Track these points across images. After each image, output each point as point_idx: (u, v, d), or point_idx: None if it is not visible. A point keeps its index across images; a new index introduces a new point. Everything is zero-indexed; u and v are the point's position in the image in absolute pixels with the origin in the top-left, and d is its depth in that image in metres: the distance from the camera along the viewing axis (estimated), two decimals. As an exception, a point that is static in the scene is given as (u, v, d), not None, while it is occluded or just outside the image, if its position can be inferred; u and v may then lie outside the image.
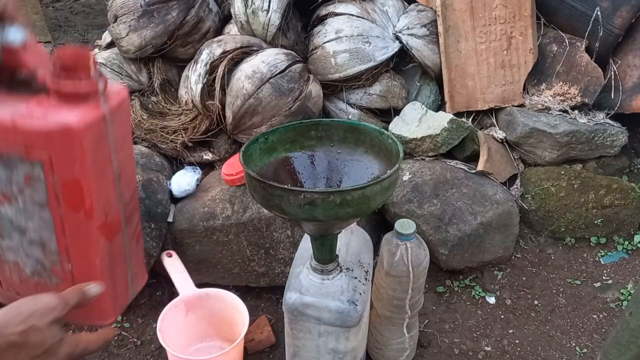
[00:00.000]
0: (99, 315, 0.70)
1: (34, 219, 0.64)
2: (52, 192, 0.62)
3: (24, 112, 0.59)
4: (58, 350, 0.60)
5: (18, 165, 0.61)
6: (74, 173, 0.61)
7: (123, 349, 1.47)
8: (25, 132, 0.58)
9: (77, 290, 0.64)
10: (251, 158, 0.90)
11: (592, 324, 1.53)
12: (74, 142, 0.59)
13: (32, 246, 0.66)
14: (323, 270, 1.04)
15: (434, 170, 1.65)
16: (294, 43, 1.74)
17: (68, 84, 0.59)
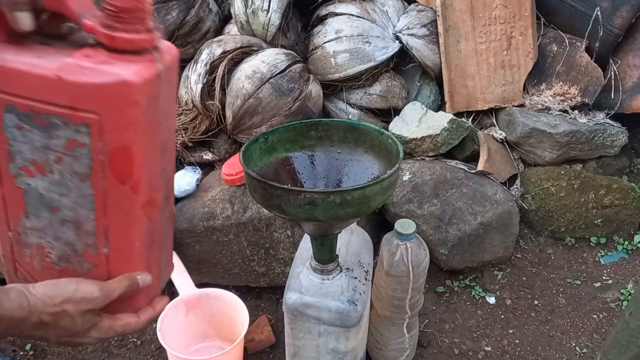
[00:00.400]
0: (131, 306, 0.63)
1: (70, 194, 0.56)
2: (97, 161, 0.54)
3: (71, 66, 0.51)
4: (88, 334, 0.59)
5: (59, 129, 0.53)
6: (125, 138, 0.53)
7: (123, 349, 1.47)
8: (73, 88, 0.51)
9: (124, 280, 0.60)
10: (251, 158, 0.90)
11: (592, 324, 1.52)
12: (130, 101, 0.52)
13: (63, 226, 0.58)
14: (323, 270, 1.04)
15: (434, 170, 1.65)
16: (294, 43, 1.74)
17: (123, 36, 0.51)
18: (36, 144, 0.54)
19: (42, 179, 0.56)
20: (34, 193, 0.57)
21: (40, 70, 0.51)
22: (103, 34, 0.52)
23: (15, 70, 0.51)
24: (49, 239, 0.59)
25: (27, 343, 1.47)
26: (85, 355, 1.45)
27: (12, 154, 0.55)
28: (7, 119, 0.54)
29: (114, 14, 0.51)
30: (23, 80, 0.51)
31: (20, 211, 0.58)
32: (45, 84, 0.51)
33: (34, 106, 0.52)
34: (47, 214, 0.58)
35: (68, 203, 0.57)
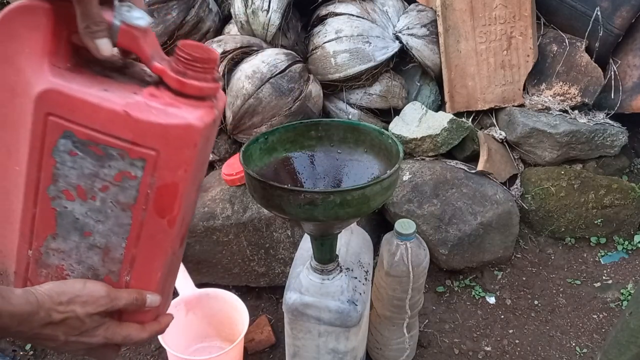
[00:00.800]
0: (136, 319, 0.64)
1: (107, 221, 0.58)
2: (143, 194, 0.56)
3: (140, 104, 0.53)
4: (96, 332, 0.59)
5: (113, 160, 0.55)
6: (176, 176, 0.56)
7: (123, 349, 1.46)
8: (139, 125, 0.53)
9: (133, 293, 0.61)
10: (251, 158, 0.90)
11: (592, 324, 1.52)
12: (190, 143, 0.54)
13: (90, 251, 0.60)
14: (323, 270, 1.04)
15: (434, 170, 1.65)
16: (294, 43, 1.74)
17: (193, 83, 0.54)
18: (85, 171, 0.56)
19: (82, 204, 0.57)
20: (69, 216, 0.58)
21: (109, 104, 0.52)
22: (174, 79, 0.54)
23: (82, 100, 0.52)
24: (72, 262, 0.60)
25: (27, 343, 1.47)
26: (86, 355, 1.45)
27: (56, 177, 0.56)
28: (61, 143, 0.54)
29: (188, 62, 0.54)
30: (88, 111, 0.53)
31: (49, 232, 0.59)
32: (112, 118, 0.53)
33: (94, 136, 0.54)
34: (77, 237, 0.59)
35: (102, 230, 0.58)
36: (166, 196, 0.57)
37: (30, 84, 0.53)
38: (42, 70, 0.53)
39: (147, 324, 0.65)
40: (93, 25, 0.52)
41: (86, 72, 0.55)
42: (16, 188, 0.57)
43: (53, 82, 0.52)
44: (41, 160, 0.55)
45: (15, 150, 0.56)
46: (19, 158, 0.56)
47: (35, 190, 0.57)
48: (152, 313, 0.65)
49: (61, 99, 0.52)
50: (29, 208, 0.57)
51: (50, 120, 0.53)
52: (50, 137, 0.54)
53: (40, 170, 0.56)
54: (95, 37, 0.52)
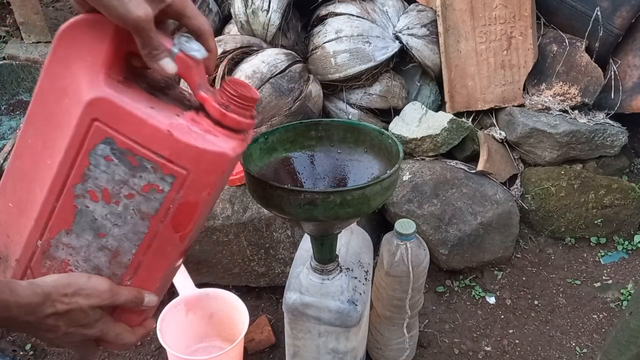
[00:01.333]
0: (127, 323, 0.67)
1: (124, 227, 0.61)
2: (165, 207, 0.60)
3: (182, 126, 0.57)
4: (95, 325, 0.61)
5: (145, 172, 0.58)
6: (199, 196, 0.60)
7: (124, 351, 1.46)
8: (178, 145, 0.57)
9: (134, 291, 0.63)
10: (251, 158, 0.90)
11: (592, 324, 1.53)
12: (220, 169, 0.59)
13: (100, 252, 0.62)
14: (323, 270, 1.04)
15: (434, 170, 1.65)
16: (294, 43, 1.74)
17: (233, 117, 0.59)
18: (115, 177, 0.59)
19: (104, 207, 0.60)
20: (88, 216, 0.61)
21: (154, 121, 0.56)
22: (217, 110, 0.59)
23: (130, 113, 0.56)
24: (78, 259, 0.63)
25: (27, 343, 1.47)
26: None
27: (85, 177, 0.59)
28: (99, 148, 0.58)
29: (231, 97, 0.60)
30: (134, 124, 0.56)
31: (64, 226, 0.61)
32: (154, 134, 0.57)
33: (133, 147, 0.57)
34: (90, 236, 0.62)
35: (117, 234, 0.61)
36: (185, 213, 0.61)
37: (83, 89, 0.56)
38: (98, 79, 0.56)
39: (135, 327, 0.67)
40: (154, 50, 0.56)
41: (135, 87, 0.59)
42: (42, 179, 0.60)
43: (106, 92, 0.56)
44: (76, 159, 0.58)
45: (51, 145, 0.59)
46: (54, 153, 0.59)
47: (62, 185, 0.59)
48: (143, 314, 0.67)
49: (111, 109, 0.56)
50: (51, 201, 0.60)
51: (95, 125, 0.57)
52: (90, 141, 0.57)
53: (72, 168, 0.59)
54: (157, 60, 0.57)
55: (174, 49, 0.58)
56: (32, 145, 0.61)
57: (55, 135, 0.59)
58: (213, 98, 0.60)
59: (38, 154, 0.60)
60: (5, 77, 2.19)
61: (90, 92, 0.56)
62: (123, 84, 0.58)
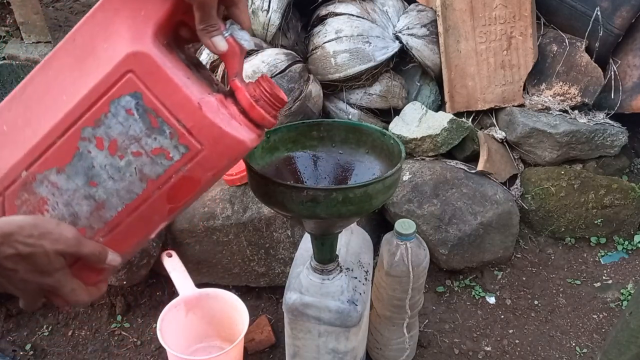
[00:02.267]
0: (83, 280, 0.64)
1: (119, 183, 0.60)
2: (167, 175, 0.60)
3: (212, 104, 0.58)
4: (54, 274, 0.59)
5: (162, 135, 0.58)
6: (204, 175, 0.60)
7: (123, 349, 1.46)
8: (204, 120, 0.58)
9: (98, 246, 0.61)
10: (253, 157, 0.90)
11: (592, 324, 1.53)
12: (234, 155, 0.60)
13: (85, 200, 0.61)
14: (323, 270, 1.04)
15: (434, 170, 1.65)
16: (294, 43, 1.74)
17: (260, 112, 0.62)
18: (129, 132, 0.58)
19: (106, 157, 0.59)
20: (87, 161, 0.59)
21: (188, 92, 0.57)
22: (248, 101, 0.61)
23: (168, 76, 0.57)
24: (59, 201, 0.61)
25: (27, 343, 1.47)
26: (85, 355, 1.45)
27: (99, 123, 0.58)
28: (124, 100, 0.57)
29: (264, 92, 0.62)
30: (168, 88, 0.57)
31: (57, 164, 0.60)
32: (184, 103, 0.57)
33: (159, 109, 0.58)
34: (81, 182, 0.60)
35: (110, 187, 0.60)
36: (184, 187, 0.61)
37: (128, 39, 0.57)
38: (146, 35, 0.57)
39: (90, 287, 0.65)
40: (210, 27, 0.59)
41: (175, 55, 0.60)
42: (51, 112, 0.59)
43: (151, 49, 0.56)
44: (96, 103, 0.57)
45: (72, 82, 0.58)
46: (74, 89, 0.58)
47: (72, 124, 0.58)
48: (102, 273, 0.65)
49: (150, 66, 0.56)
50: (54, 135, 0.59)
51: (128, 76, 0.56)
52: (118, 90, 0.57)
53: (88, 110, 0.58)
54: (212, 36, 0.60)
55: (225, 32, 0.61)
56: (51, 77, 0.60)
57: (81, 74, 0.58)
58: (245, 89, 0.62)
59: (54, 86, 0.59)
60: (5, 77, 2.19)
61: (135, 44, 0.56)
62: (166, 48, 0.59)
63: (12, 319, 1.54)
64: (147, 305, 1.57)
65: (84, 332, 1.51)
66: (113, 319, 1.54)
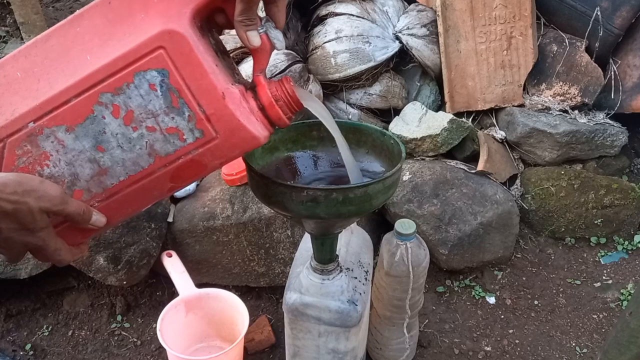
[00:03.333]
0: (67, 240, 0.64)
1: (127, 153, 0.60)
2: (176, 156, 0.61)
3: (235, 96, 0.59)
4: (38, 233, 0.59)
5: (180, 116, 0.59)
6: (212, 162, 0.62)
7: (123, 349, 1.46)
8: (224, 110, 0.58)
9: (82, 206, 0.61)
10: (253, 156, 0.90)
11: (592, 324, 1.53)
12: (245, 149, 0.61)
13: (88, 163, 0.60)
14: (323, 270, 1.04)
15: (434, 170, 1.65)
16: (294, 43, 1.74)
17: (278, 112, 0.64)
18: (148, 106, 0.58)
19: (120, 126, 0.59)
20: (99, 125, 0.59)
21: (215, 79, 0.58)
22: (268, 99, 0.63)
23: (199, 61, 0.57)
24: (62, 158, 0.60)
25: (27, 343, 1.47)
26: (85, 355, 1.45)
27: (119, 91, 0.58)
28: (150, 74, 0.57)
29: (286, 94, 0.64)
30: (197, 71, 0.57)
31: (68, 122, 0.59)
32: (209, 90, 0.58)
33: (183, 89, 0.58)
34: (88, 145, 0.60)
35: (116, 155, 0.60)
36: (190, 170, 0.62)
37: (166, 15, 0.57)
38: (185, 15, 0.57)
39: (72, 247, 0.65)
40: (248, 20, 0.60)
41: (207, 40, 0.60)
42: (71, 69, 0.58)
43: (188, 31, 0.57)
44: (121, 71, 0.57)
45: (102, 42, 0.58)
46: (100, 52, 0.58)
47: (91, 86, 0.58)
48: (86, 234, 0.65)
49: (183, 47, 0.57)
50: (70, 93, 0.58)
51: (159, 52, 0.57)
52: (146, 63, 0.57)
53: (111, 77, 0.57)
54: (248, 29, 0.61)
55: (260, 28, 0.62)
56: (79, 34, 0.59)
57: (111, 38, 0.58)
58: (268, 86, 0.63)
59: (80, 43, 0.59)
60: (5, 76, 2.19)
61: (173, 22, 0.56)
62: (200, 31, 0.59)
63: (12, 319, 1.54)
64: (147, 305, 1.57)
65: (84, 332, 1.52)
66: (113, 319, 1.54)
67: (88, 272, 1.41)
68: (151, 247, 1.42)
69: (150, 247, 1.42)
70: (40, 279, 1.49)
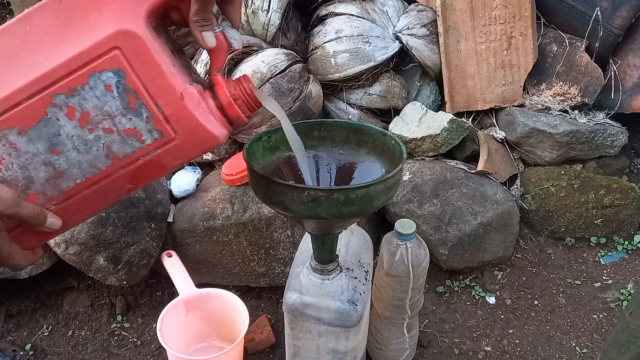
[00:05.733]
0: (21, 244, 0.62)
1: (84, 155, 0.58)
2: (135, 157, 0.59)
3: (193, 97, 0.59)
4: None
5: (137, 117, 0.57)
6: (171, 163, 0.61)
7: (123, 349, 1.46)
8: (183, 110, 0.58)
9: (37, 208, 0.58)
10: (254, 156, 0.90)
11: (592, 324, 1.53)
12: (203, 148, 0.61)
13: (43, 166, 0.58)
14: (323, 270, 1.04)
15: (434, 170, 1.65)
16: (294, 43, 1.74)
17: (237, 111, 0.64)
18: (104, 107, 0.57)
19: (75, 128, 0.57)
20: (53, 127, 0.57)
21: (173, 80, 0.57)
22: (227, 98, 0.63)
23: (155, 61, 0.56)
24: (14, 162, 0.58)
25: (27, 343, 1.47)
26: (86, 355, 1.45)
27: (73, 92, 0.56)
28: (105, 75, 0.56)
29: (244, 92, 0.64)
30: (154, 72, 0.56)
31: (20, 125, 0.56)
32: (167, 90, 0.57)
33: (140, 91, 0.57)
34: (42, 147, 0.57)
35: (72, 158, 0.59)
36: (149, 170, 0.61)
37: (121, 15, 0.55)
38: (140, 14, 0.56)
39: (27, 251, 0.63)
40: (203, 20, 0.60)
41: (162, 39, 0.59)
42: (20, 68, 0.56)
43: (144, 31, 0.56)
44: (75, 72, 0.55)
45: (54, 42, 0.56)
46: (52, 52, 0.56)
47: (44, 87, 0.55)
48: (42, 237, 0.63)
49: (139, 48, 0.55)
50: (21, 95, 0.55)
51: (114, 53, 0.55)
52: (101, 64, 0.55)
53: (65, 78, 0.55)
54: (203, 29, 0.60)
55: (216, 28, 0.61)
56: (30, 34, 0.57)
57: (63, 38, 0.56)
58: (226, 86, 0.63)
59: (30, 43, 0.56)
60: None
61: (128, 22, 0.55)
62: (155, 30, 0.58)
63: (12, 319, 1.54)
64: (147, 305, 1.57)
65: (84, 332, 1.51)
66: (113, 319, 1.54)
67: (88, 272, 1.41)
68: (151, 247, 1.42)
69: (150, 247, 1.42)
70: (40, 279, 1.49)
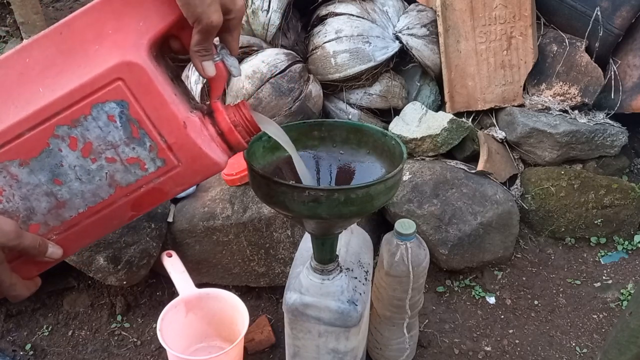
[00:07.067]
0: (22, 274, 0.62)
1: (87, 185, 0.58)
2: (138, 185, 0.60)
3: (195, 125, 0.60)
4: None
5: (141, 147, 0.58)
6: (173, 189, 0.62)
7: (123, 349, 1.46)
8: (186, 139, 0.59)
9: (38, 239, 0.59)
10: (254, 156, 0.90)
11: (592, 324, 1.53)
12: (206, 175, 0.62)
13: (45, 197, 0.58)
14: (323, 270, 1.04)
15: (434, 170, 1.65)
16: (294, 43, 1.74)
17: (237, 137, 0.65)
18: (107, 137, 0.57)
19: (77, 158, 0.57)
20: (56, 158, 0.57)
21: (175, 109, 0.58)
22: (227, 125, 0.64)
23: (158, 91, 0.57)
24: (16, 193, 0.57)
25: (27, 343, 1.47)
26: (85, 355, 1.45)
27: (76, 124, 0.56)
28: (108, 105, 0.56)
29: (244, 119, 0.65)
30: (156, 102, 0.57)
31: (21, 157, 0.56)
32: (170, 120, 0.58)
33: (143, 120, 0.57)
34: (44, 178, 0.57)
35: (75, 188, 0.58)
36: (151, 198, 0.62)
37: (123, 47, 0.56)
38: (142, 46, 0.57)
39: (27, 281, 0.63)
40: (204, 50, 0.61)
41: (162, 68, 0.60)
42: (21, 100, 0.55)
43: (146, 62, 0.56)
44: (77, 103, 0.55)
45: (55, 74, 0.56)
46: (54, 83, 0.56)
47: (46, 119, 0.55)
48: (42, 266, 0.63)
49: (142, 79, 0.56)
50: (23, 127, 0.55)
51: (117, 84, 0.56)
52: (104, 95, 0.56)
53: (67, 109, 0.55)
54: (203, 59, 0.62)
55: (216, 56, 0.63)
56: (29, 65, 0.57)
57: (64, 69, 0.56)
58: (226, 112, 0.64)
59: (30, 75, 0.56)
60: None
61: (131, 54, 0.56)
62: (156, 60, 0.59)
63: (12, 319, 1.54)
64: (147, 305, 1.57)
65: (84, 332, 1.51)
66: (113, 319, 1.54)
67: (88, 272, 1.41)
68: (151, 247, 1.42)
69: (150, 247, 1.42)
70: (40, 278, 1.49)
